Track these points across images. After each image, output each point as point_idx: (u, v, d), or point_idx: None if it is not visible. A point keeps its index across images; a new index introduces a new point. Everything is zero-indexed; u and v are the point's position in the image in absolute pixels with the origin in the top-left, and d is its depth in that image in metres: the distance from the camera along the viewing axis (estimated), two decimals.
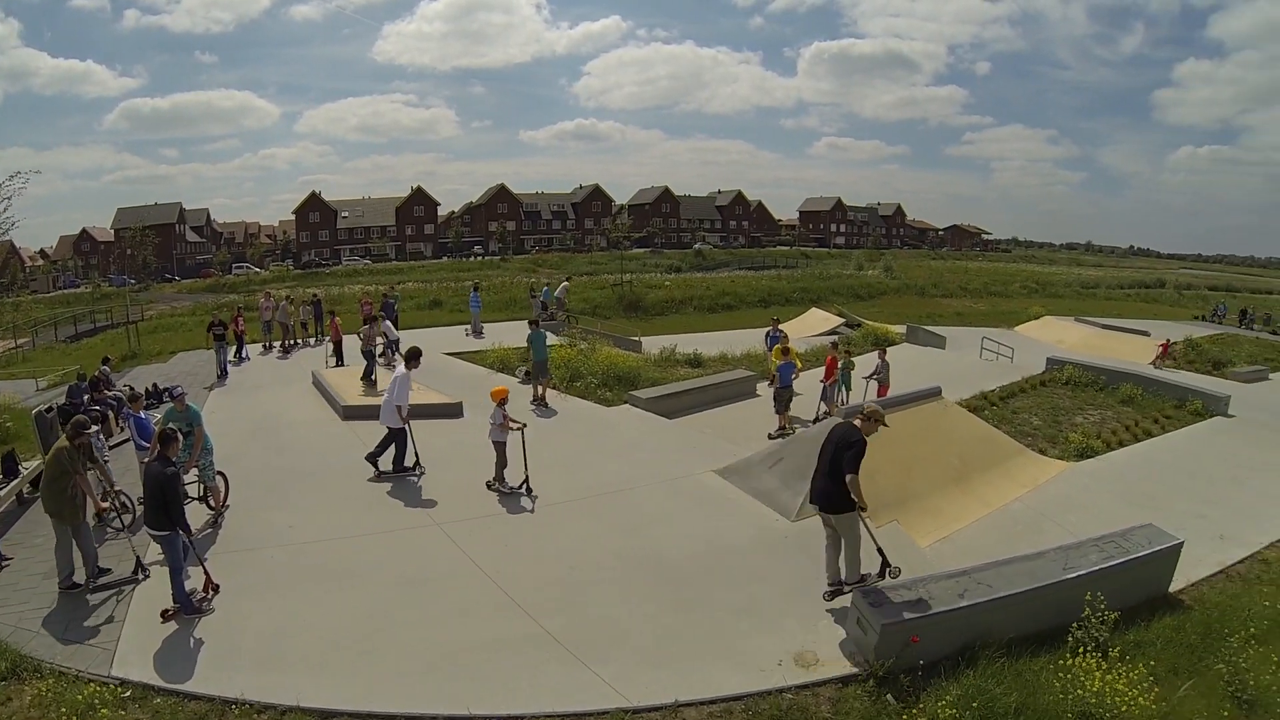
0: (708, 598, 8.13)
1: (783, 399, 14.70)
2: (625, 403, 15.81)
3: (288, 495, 10.61)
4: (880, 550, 7.98)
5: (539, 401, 15.46)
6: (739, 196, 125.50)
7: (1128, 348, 31.87)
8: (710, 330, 33.91)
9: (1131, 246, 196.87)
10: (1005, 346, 27.52)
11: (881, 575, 8.04)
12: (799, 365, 15.83)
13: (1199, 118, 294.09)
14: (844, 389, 16.83)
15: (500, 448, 10.79)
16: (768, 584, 8.52)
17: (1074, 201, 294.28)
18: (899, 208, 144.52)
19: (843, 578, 7.98)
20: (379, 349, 18.76)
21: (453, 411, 14.63)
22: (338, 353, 19.94)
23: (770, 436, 14.02)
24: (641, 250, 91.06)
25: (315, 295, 26.78)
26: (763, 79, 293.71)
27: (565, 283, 34.39)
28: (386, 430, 11.25)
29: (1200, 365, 28.62)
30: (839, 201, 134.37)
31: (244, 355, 21.04)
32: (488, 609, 7.76)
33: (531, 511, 10.40)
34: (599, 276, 57.44)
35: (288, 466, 11.85)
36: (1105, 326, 37.19)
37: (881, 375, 16.49)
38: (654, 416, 14.96)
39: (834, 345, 17.67)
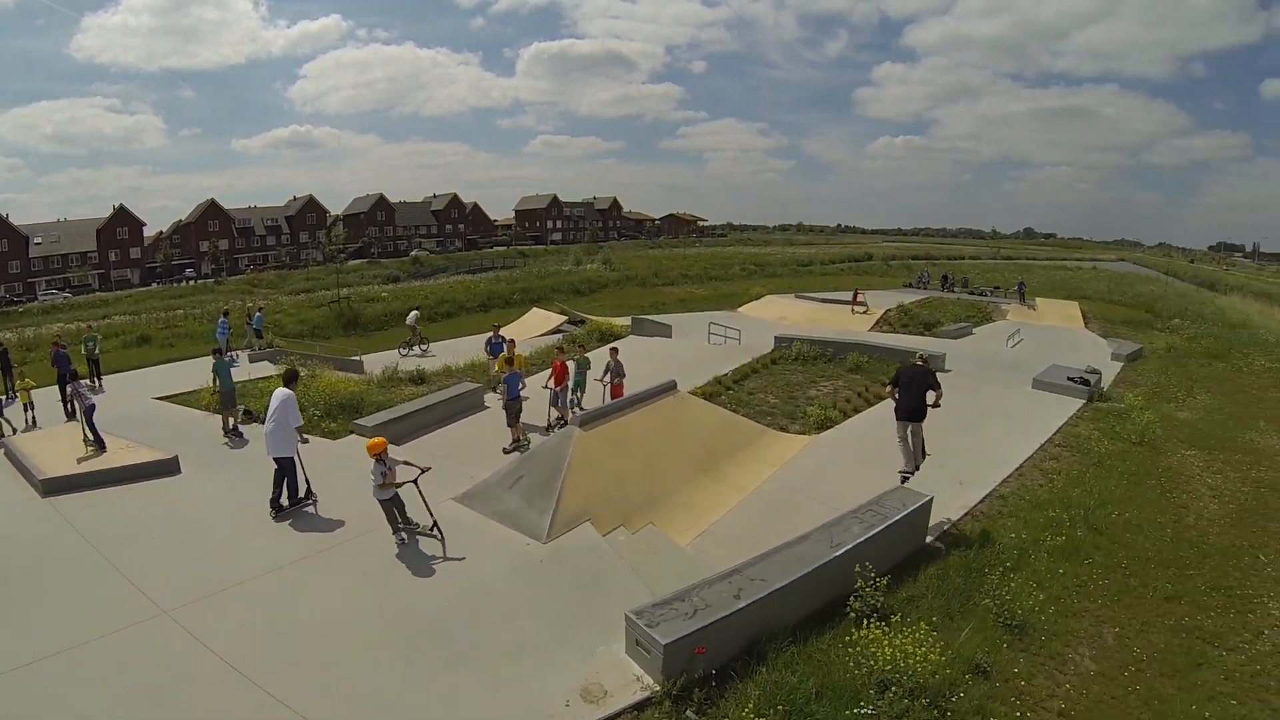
0: (476, 645, 8.22)
1: (513, 411, 15.12)
2: (351, 433, 16.04)
3: None
4: (923, 447, 11.84)
5: (231, 433, 15.70)
6: (454, 199, 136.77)
7: (848, 317, 37.11)
8: (432, 341, 34.28)
9: (839, 225, 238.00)
10: (732, 329, 30.39)
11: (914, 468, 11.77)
12: (525, 373, 16.04)
13: (895, 112, 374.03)
14: (580, 390, 17.45)
15: (388, 505, 10.42)
16: (534, 617, 8.76)
17: (784, 187, 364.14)
18: (615, 201, 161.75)
19: (915, 465, 11.72)
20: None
21: (165, 469, 13.81)
22: None
23: (505, 451, 14.69)
24: (359, 261, 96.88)
25: None
26: (481, 79, 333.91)
27: (415, 311, 35.54)
28: (275, 465, 11.37)
29: (913, 328, 34.46)
30: (555, 198, 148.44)
31: None
32: (242, 710, 7.19)
33: (266, 576, 9.83)
34: (316, 294, 57.00)
35: None
36: (824, 300, 42.85)
37: (615, 376, 17.20)
38: None
39: (559, 349, 18.21)
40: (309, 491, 11.85)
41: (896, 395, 11.61)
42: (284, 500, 11.53)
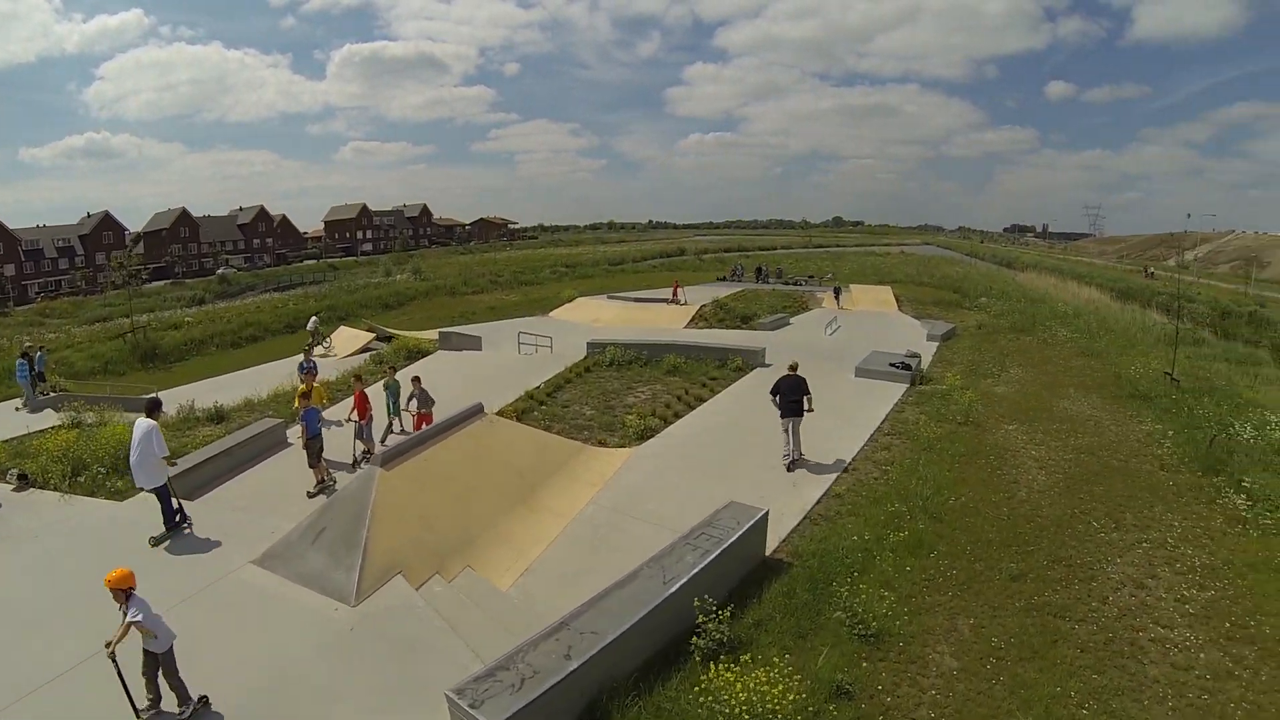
0: None
1: (313, 450, 14.29)
2: (141, 489, 14.18)
3: None
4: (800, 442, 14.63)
5: None
6: (261, 212, 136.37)
7: (663, 315, 37.65)
8: (236, 369, 31.89)
9: (651, 221, 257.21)
10: (543, 336, 30.04)
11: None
12: (325, 406, 15.59)
13: (706, 110, 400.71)
14: (395, 414, 16.95)
15: (153, 662, 7.87)
16: (348, 699, 8.11)
17: (596, 185, 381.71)
18: (425, 207, 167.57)
19: (801, 453, 14.50)
20: None
21: None
22: None
23: (310, 495, 14.07)
24: (162, 283, 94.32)
25: None
26: (291, 83, 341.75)
27: (315, 317, 36.70)
28: (152, 493, 12.01)
29: (730, 322, 35.34)
30: (364, 207, 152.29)
31: None
32: None
33: (38, 692, 8.44)
34: (115, 322, 52.32)
35: None
36: (637, 299, 43.33)
37: (421, 405, 16.32)
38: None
39: (357, 378, 17.23)
40: (183, 515, 12.37)
41: (778, 401, 14.60)
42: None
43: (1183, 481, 13.97)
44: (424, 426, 15.27)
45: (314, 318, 36.01)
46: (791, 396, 14.47)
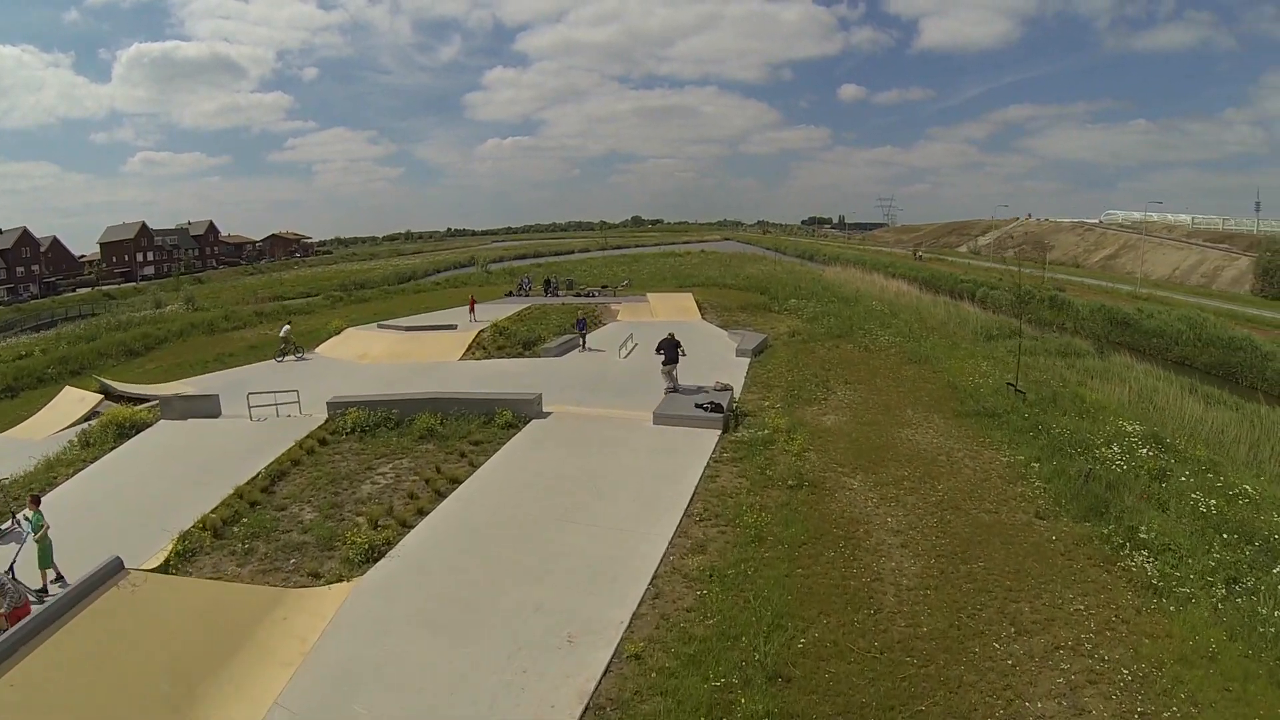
0: None
1: None
2: None
3: None
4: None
5: None
6: (25, 235, 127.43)
7: (437, 346, 33.15)
8: None
9: (449, 229, 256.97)
10: (286, 392, 24.19)
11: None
12: None
13: (505, 115, 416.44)
14: (44, 566, 11.61)
15: None
16: None
17: (394, 195, 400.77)
18: (210, 224, 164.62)
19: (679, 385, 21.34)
20: None
21: None
22: None
23: None
24: None
25: None
26: (73, 85, 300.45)
27: (287, 325, 36.32)
28: None
29: (511, 349, 31.17)
30: (143, 226, 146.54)
31: None
32: None
33: None
34: None
35: None
36: (409, 328, 38.56)
37: (7, 602, 10.54)
38: None
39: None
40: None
41: (661, 354, 21.43)
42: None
43: (1067, 535, 11.76)
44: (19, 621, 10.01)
45: (286, 326, 35.20)
46: (669, 354, 21.33)
